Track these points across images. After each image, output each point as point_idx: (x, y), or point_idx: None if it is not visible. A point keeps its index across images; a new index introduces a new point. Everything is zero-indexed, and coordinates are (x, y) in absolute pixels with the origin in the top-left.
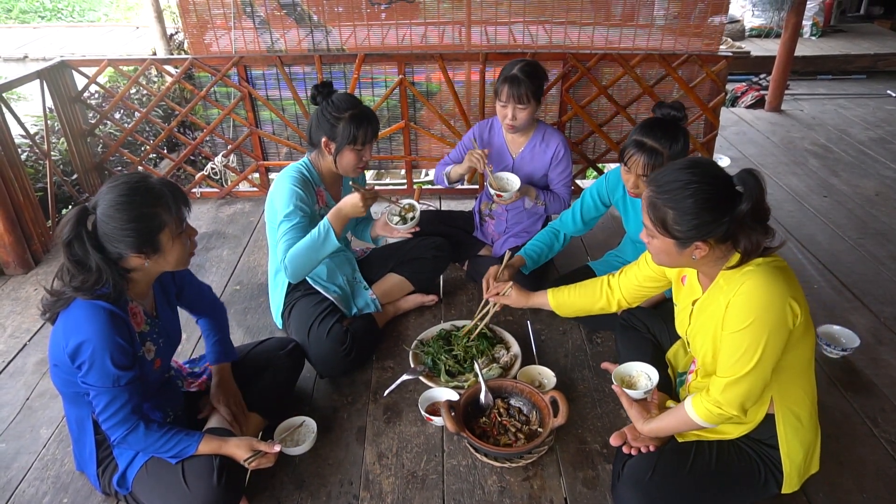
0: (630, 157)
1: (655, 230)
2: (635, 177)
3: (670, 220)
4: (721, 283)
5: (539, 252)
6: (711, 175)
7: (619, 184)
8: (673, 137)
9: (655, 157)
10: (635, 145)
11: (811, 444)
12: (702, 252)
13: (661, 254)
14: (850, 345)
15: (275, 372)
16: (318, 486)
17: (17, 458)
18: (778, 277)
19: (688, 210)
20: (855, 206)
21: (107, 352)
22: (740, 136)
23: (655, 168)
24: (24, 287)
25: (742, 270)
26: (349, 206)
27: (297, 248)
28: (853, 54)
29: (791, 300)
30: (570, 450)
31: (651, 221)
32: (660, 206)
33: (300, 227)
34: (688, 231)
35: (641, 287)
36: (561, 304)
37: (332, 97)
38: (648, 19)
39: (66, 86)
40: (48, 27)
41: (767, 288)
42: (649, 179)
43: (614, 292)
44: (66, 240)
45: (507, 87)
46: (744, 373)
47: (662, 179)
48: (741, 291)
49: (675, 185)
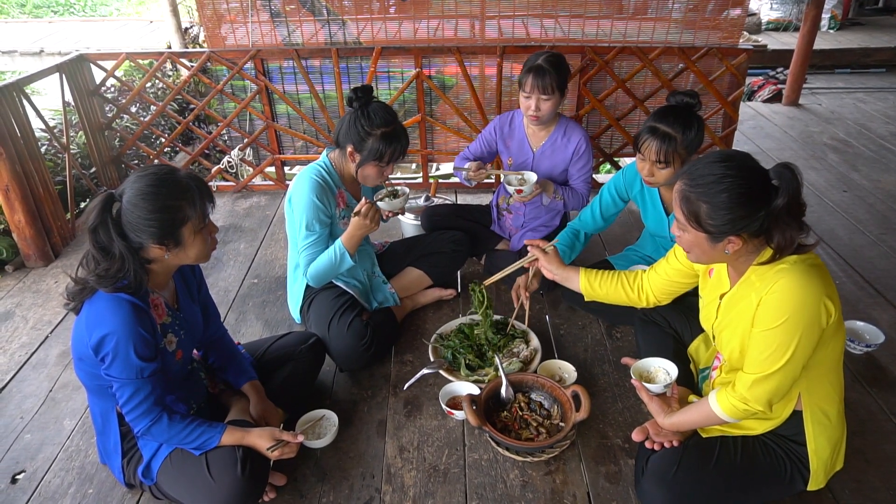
0: (643, 144)
1: (688, 224)
2: (650, 164)
3: (703, 213)
4: (753, 279)
5: (562, 252)
6: (747, 168)
7: (637, 178)
8: (686, 124)
9: (668, 142)
10: (649, 131)
11: (838, 441)
12: (735, 246)
13: (692, 248)
14: (875, 341)
15: (296, 365)
16: (339, 479)
17: (42, 449)
18: (813, 276)
19: (722, 204)
20: (876, 201)
21: (130, 343)
22: (757, 130)
23: (668, 154)
24: (44, 279)
25: (776, 268)
26: (357, 228)
27: (317, 266)
28: (872, 48)
29: (826, 299)
30: (592, 444)
31: (684, 215)
32: (693, 200)
33: (320, 241)
34: (721, 225)
35: (672, 282)
36: (590, 289)
37: (369, 108)
38: (665, 12)
39: (84, 79)
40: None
41: (802, 287)
42: (682, 172)
43: (644, 288)
44: (92, 226)
45: (531, 76)
46: (773, 370)
47: (696, 172)
48: (775, 289)
49: (709, 178)
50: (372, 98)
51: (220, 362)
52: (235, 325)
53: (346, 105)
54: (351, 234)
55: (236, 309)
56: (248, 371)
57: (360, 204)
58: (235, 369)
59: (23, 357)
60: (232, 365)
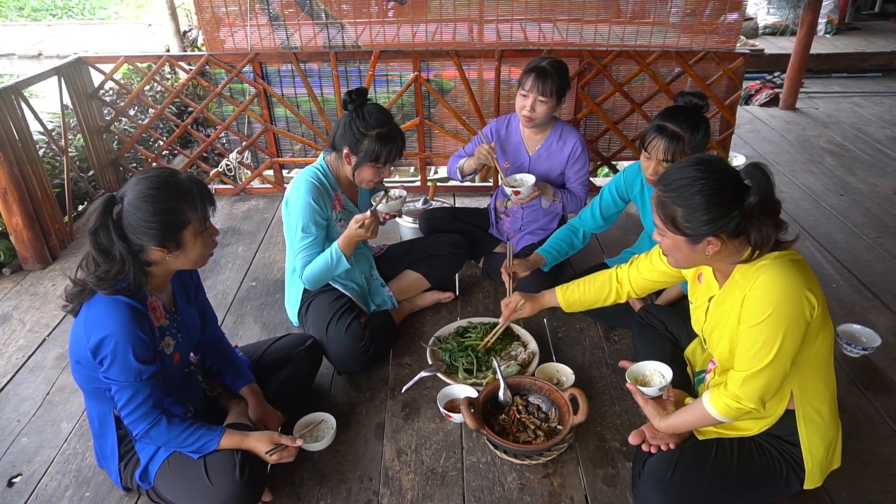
0: (650, 142)
1: (666, 228)
2: (656, 162)
3: (680, 217)
4: (737, 278)
5: (559, 249)
6: (718, 170)
7: (637, 178)
8: (694, 125)
9: (676, 141)
10: (656, 130)
11: (832, 439)
12: (714, 248)
13: (673, 252)
14: (871, 344)
15: (294, 368)
16: (337, 482)
17: (39, 453)
18: (793, 270)
19: (697, 206)
20: (872, 205)
21: (129, 346)
22: (755, 134)
23: (676, 154)
24: (42, 282)
25: (757, 264)
26: (354, 233)
27: (312, 269)
28: (868, 52)
29: (807, 291)
30: (590, 447)
31: (661, 220)
32: (668, 205)
33: (316, 243)
34: (698, 227)
35: (652, 281)
36: (570, 303)
37: (364, 109)
38: (662, 16)
39: (82, 82)
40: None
41: (783, 280)
42: (657, 179)
43: (623, 285)
44: (93, 228)
45: (532, 76)
46: (762, 366)
47: (669, 178)
48: (757, 285)
49: (682, 182)
50: (367, 100)
51: (218, 365)
52: (233, 327)
53: (342, 108)
54: (348, 239)
55: (234, 312)
56: (246, 374)
57: (362, 216)
58: (233, 372)
59: (20, 360)
60: (229, 368)
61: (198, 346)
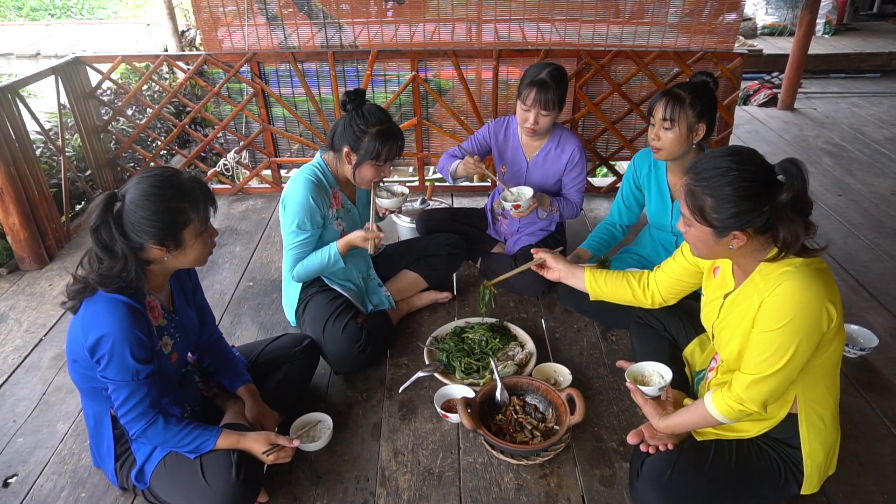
0: (655, 106)
1: (693, 218)
2: (658, 125)
3: (708, 207)
4: (757, 280)
5: (601, 242)
6: (752, 163)
7: (645, 161)
8: (698, 91)
9: (677, 100)
10: (661, 94)
11: (832, 444)
12: (739, 242)
13: (698, 243)
14: (869, 344)
15: (290, 368)
16: (334, 483)
17: (35, 453)
18: (817, 280)
19: (726, 198)
20: (870, 206)
21: (126, 345)
22: (753, 134)
23: (675, 111)
24: (38, 282)
25: (780, 269)
26: (357, 240)
27: (306, 265)
28: (867, 52)
29: (829, 303)
30: (587, 448)
31: (689, 209)
32: (698, 194)
33: (310, 242)
34: (726, 220)
35: (679, 281)
36: (597, 289)
37: (363, 108)
38: (661, 16)
39: (79, 82)
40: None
41: (805, 291)
42: (688, 168)
43: (650, 287)
44: (94, 225)
45: (534, 91)
46: (771, 372)
47: (701, 167)
48: (778, 292)
49: (714, 172)
50: (365, 100)
51: (215, 366)
52: (231, 327)
53: (340, 109)
54: (349, 241)
55: (231, 312)
56: (243, 374)
57: (374, 234)
58: (230, 373)
59: (16, 360)
60: (227, 368)
61: (196, 346)
